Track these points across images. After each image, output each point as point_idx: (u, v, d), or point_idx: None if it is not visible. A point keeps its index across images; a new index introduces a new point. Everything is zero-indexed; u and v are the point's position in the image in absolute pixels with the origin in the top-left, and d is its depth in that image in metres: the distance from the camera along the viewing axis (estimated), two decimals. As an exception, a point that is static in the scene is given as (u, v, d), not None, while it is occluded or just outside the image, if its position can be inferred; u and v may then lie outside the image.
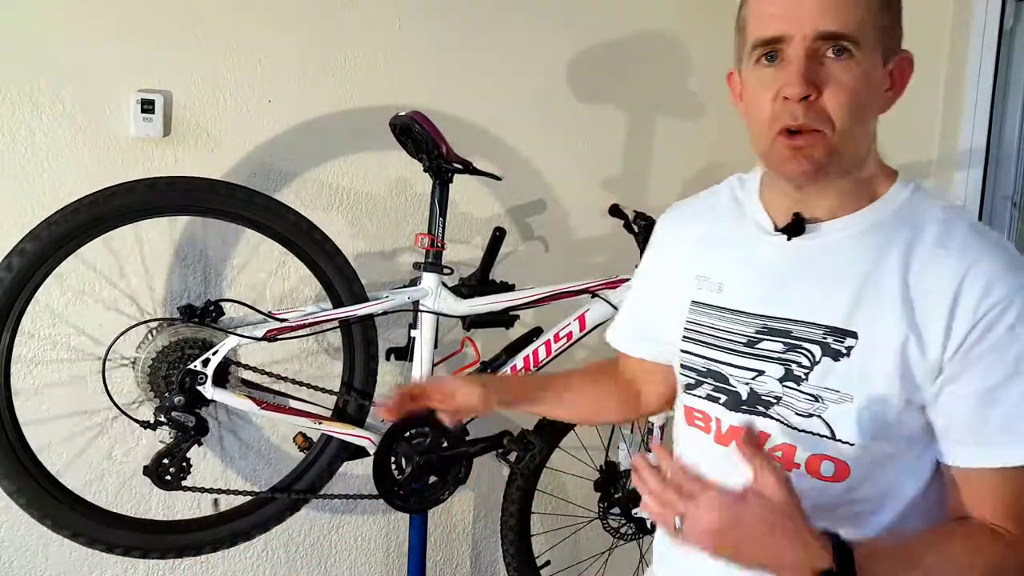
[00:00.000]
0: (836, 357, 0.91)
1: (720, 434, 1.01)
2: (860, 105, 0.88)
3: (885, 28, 0.89)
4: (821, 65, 0.87)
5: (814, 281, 0.94)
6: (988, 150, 2.28)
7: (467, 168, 1.69)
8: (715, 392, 1.01)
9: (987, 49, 2.25)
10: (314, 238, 1.61)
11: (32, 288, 1.43)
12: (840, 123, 0.87)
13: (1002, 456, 0.87)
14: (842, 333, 0.91)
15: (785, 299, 0.95)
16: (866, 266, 0.91)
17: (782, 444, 0.95)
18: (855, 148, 0.91)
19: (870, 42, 0.87)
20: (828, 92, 0.86)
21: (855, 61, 0.87)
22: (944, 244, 0.89)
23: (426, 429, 1.68)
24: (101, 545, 1.52)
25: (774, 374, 0.95)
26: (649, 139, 2.24)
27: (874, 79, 0.89)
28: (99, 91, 1.71)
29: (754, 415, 0.97)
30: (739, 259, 1.01)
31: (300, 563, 2.05)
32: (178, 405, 1.48)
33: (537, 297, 1.76)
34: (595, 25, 2.14)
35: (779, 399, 0.95)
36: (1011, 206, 2.34)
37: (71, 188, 1.68)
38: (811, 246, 0.95)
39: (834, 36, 0.86)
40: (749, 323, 0.98)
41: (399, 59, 1.95)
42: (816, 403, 0.92)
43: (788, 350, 0.94)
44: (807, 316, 0.93)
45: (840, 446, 0.92)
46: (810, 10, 0.86)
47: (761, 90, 0.90)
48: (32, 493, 1.46)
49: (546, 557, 2.07)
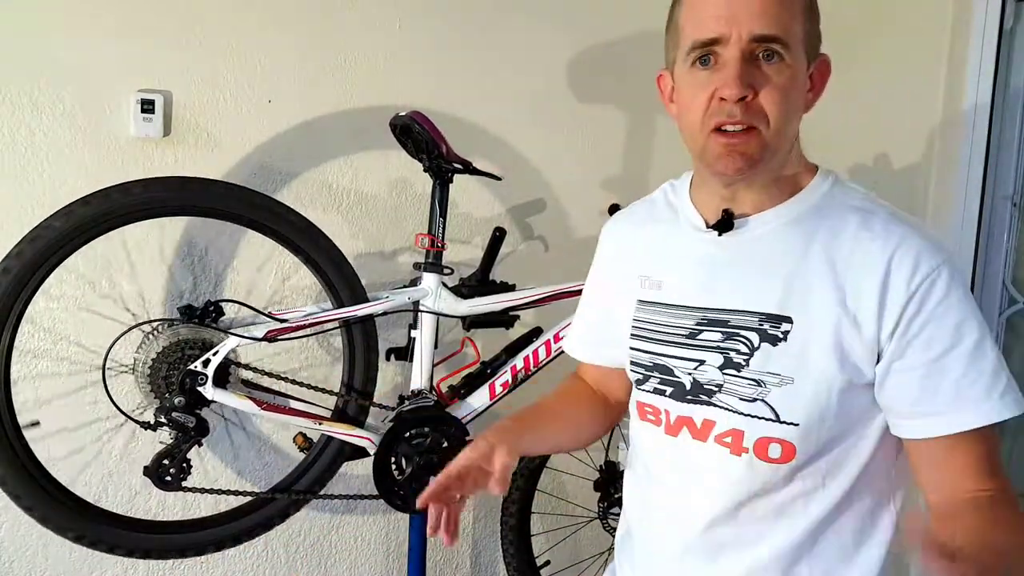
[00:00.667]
0: (774, 342, 0.95)
1: (669, 425, 1.05)
2: (791, 105, 0.94)
3: (808, 33, 0.94)
4: (756, 67, 0.91)
5: (746, 272, 0.99)
6: (988, 150, 2.28)
7: (467, 168, 1.69)
8: (661, 385, 1.06)
9: (987, 49, 2.25)
10: (314, 238, 1.61)
11: (31, 290, 1.43)
12: (775, 121, 0.92)
13: (958, 422, 0.91)
14: (777, 319, 0.95)
15: (720, 291, 1.00)
16: (794, 254, 0.96)
17: (730, 430, 0.99)
18: (785, 145, 0.96)
19: (797, 46, 0.93)
20: (763, 93, 0.91)
21: (785, 64, 0.92)
22: (868, 228, 0.94)
23: (426, 429, 1.68)
24: (103, 546, 1.52)
25: (714, 363, 1.00)
26: (649, 139, 2.24)
27: (800, 81, 0.94)
28: (99, 91, 1.71)
29: (698, 404, 1.02)
30: (676, 257, 1.06)
31: (300, 563, 2.05)
32: (178, 406, 1.48)
33: (537, 297, 1.76)
34: (595, 25, 2.14)
35: (721, 387, 1.00)
36: (1011, 206, 2.35)
37: (71, 188, 1.68)
38: (741, 240, 1.00)
39: (768, 39, 0.91)
40: (689, 316, 1.03)
41: (399, 59, 1.95)
42: (759, 387, 0.96)
43: (726, 339, 0.99)
44: (742, 305, 0.98)
45: (786, 428, 0.96)
46: (746, 14, 0.91)
47: (697, 91, 0.94)
48: (34, 496, 1.46)
49: (546, 557, 2.07)
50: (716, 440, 1.00)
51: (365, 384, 1.69)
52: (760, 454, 0.97)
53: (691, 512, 1.03)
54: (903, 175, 2.34)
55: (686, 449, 1.03)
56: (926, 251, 0.91)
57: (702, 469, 1.02)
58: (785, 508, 0.99)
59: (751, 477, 0.98)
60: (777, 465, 0.97)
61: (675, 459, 1.05)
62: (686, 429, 1.03)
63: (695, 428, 1.02)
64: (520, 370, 1.77)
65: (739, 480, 0.99)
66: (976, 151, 2.27)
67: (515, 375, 1.76)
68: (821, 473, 0.97)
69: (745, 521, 1.00)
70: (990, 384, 0.90)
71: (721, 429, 1.00)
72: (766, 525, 0.99)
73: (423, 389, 1.72)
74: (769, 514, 0.99)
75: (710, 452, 1.01)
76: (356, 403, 1.68)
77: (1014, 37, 2.30)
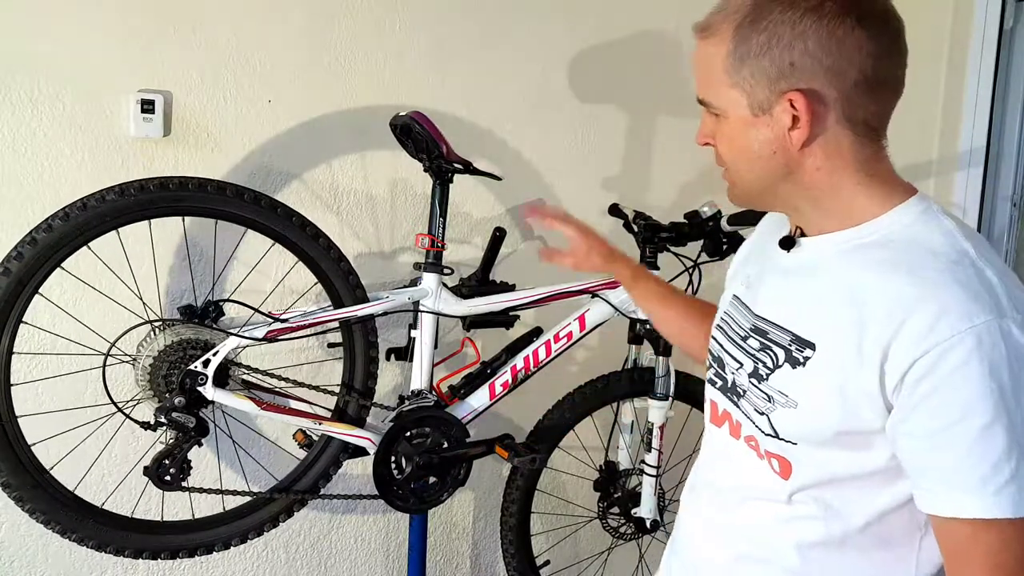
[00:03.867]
0: (794, 365, 0.95)
1: (716, 415, 1.10)
2: (738, 153, 0.97)
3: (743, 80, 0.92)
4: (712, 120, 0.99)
5: (794, 291, 1.00)
6: (988, 150, 2.28)
7: (467, 168, 1.69)
8: (715, 376, 1.10)
9: (987, 49, 2.25)
10: (314, 238, 1.61)
11: (31, 291, 1.43)
12: (728, 164, 1.00)
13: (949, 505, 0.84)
14: (803, 343, 0.95)
15: (771, 303, 1.03)
16: (835, 284, 0.94)
17: (751, 434, 1.02)
18: (761, 186, 0.98)
19: (725, 102, 0.95)
20: (716, 144, 1.00)
21: (721, 118, 0.97)
22: (915, 272, 0.87)
23: (426, 429, 1.68)
24: (110, 548, 1.52)
25: (747, 368, 1.02)
26: (649, 139, 2.25)
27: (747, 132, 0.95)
28: (99, 91, 1.70)
29: (732, 403, 1.06)
30: (761, 262, 1.10)
31: (300, 563, 2.05)
32: (178, 406, 1.48)
33: (537, 297, 1.76)
34: (595, 25, 2.14)
35: (744, 392, 1.02)
36: (1011, 206, 2.35)
37: (71, 188, 1.69)
38: (800, 259, 1.01)
39: (702, 102, 0.98)
40: (747, 318, 1.06)
41: (399, 59, 1.95)
42: (768, 403, 0.98)
43: (761, 349, 1.00)
44: (781, 321, 0.99)
45: (783, 444, 0.97)
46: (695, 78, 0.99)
47: None
48: (36, 498, 1.46)
49: (546, 557, 2.07)
50: (745, 440, 1.04)
51: (365, 384, 1.69)
52: (770, 463, 1.00)
53: (724, 503, 1.08)
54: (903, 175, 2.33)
55: (725, 442, 1.08)
56: (958, 311, 0.82)
57: (734, 464, 1.06)
58: (787, 523, 0.99)
59: (767, 482, 1.01)
60: (778, 478, 0.99)
61: (716, 449, 1.11)
62: (727, 423, 1.08)
63: (732, 424, 1.06)
64: (520, 370, 1.77)
65: (757, 482, 1.02)
66: (976, 151, 2.27)
67: (515, 375, 1.77)
68: (822, 505, 0.96)
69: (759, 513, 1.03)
70: (987, 475, 0.81)
71: (745, 432, 1.04)
72: (777, 525, 1.01)
73: (423, 389, 1.72)
74: (771, 523, 1.01)
75: (741, 449, 1.04)
76: (356, 403, 1.68)
77: (1014, 37, 2.31)
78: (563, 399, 1.91)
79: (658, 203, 2.25)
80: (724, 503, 1.08)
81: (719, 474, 1.10)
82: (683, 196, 2.27)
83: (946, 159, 2.29)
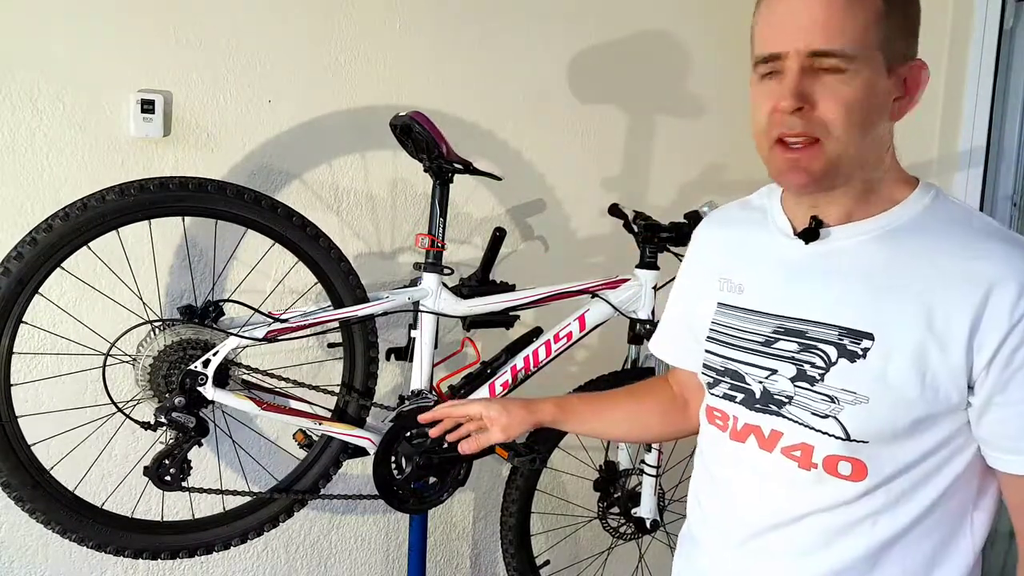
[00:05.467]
0: (852, 359, 0.92)
1: (736, 431, 1.03)
2: (857, 114, 0.89)
3: (886, 39, 0.89)
4: (817, 78, 0.89)
5: (830, 283, 0.95)
6: (988, 150, 2.28)
7: (467, 168, 1.69)
8: (731, 391, 1.04)
9: (987, 49, 2.25)
10: (314, 238, 1.61)
11: (31, 291, 1.42)
12: (836, 131, 0.89)
13: None
14: (858, 335, 0.92)
15: (801, 300, 0.97)
16: (882, 269, 0.92)
17: (799, 444, 0.97)
18: (856, 157, 0.91)
19: (868, 55, 0.88)
20: (823, 103, 0.88)
21: (850, 74, 0.88)
22: (970, 247, 0.89)
23: (426, 429, 1.68)
24: (110, 548, 1.52)
25: (786, 373, 0.97)
26: (649, 139, 2.25)
27: (875, 89, 0.89)
28: (99, 91, 1.70)
29: (767, 414, 0.99)
30: (760, 262, 1.03)
31: (300, 563, 2.05)
32: (178, 406, 1.48)
33: (537, 297, 1.76)
34: (595, 25, 2.14)
35: (791, 399, 0.96)
36: (1011, 206, 2.35)
37: (71, 188, 1.69)
38: (827, 250, 0.96)
39: (826, 54, 0.88)
40: (766, 323, 1.00)
41: (399, 59, 1.95)
42: (832, 404, 0.93)
43: (802, 350, 0.96)
44: (822, 317, 0.95)
45: (856, 446, 0.92)
46: (805, 28, 0.88)
47: (761, 102, 0.93)
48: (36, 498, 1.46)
49: (546, 557, 2.07)
50: (783, 452, 0.98)
51: (365, 384, 1.69)
52: (830, 470, 0.95)
53: (750, 517, 1.01)
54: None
55: (751, 457, 1.01)
56: None
57: (766, 478, 1.00)
58: (852, 526, 0.96)
59: (818, 492, 0.96)
60: (847, 482, 0.94)
61: (739, 465, 1.03)
62: (753, 437, 1.01)
63: (762, 437, 1.00)
64: (520, 370, 1.77)
65: (805, 494, 0.96)
66: (976, 151, 2.27)
67: (515, 375, 1.76)
68: (894, 494, 0.94)
69: (806, 532, 0.98)
70: None
71: (789, 442, 0.97)
72: (827, 538, 0.97)
73: (423, 389, 1.72)
74: (832, 529, 0.96)
75: (776, 463, 0.98)
76: (356, 403, 1.68)
77: (1014, 37, 2.30)
78: (563, 399, 1.91)
79: (658, 203, 2.25)
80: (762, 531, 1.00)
81: (750, 498, 1.02)
82: (683, 196, 2.28)
83: (946, 159, 2.29)
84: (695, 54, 2.28)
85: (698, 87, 2.30)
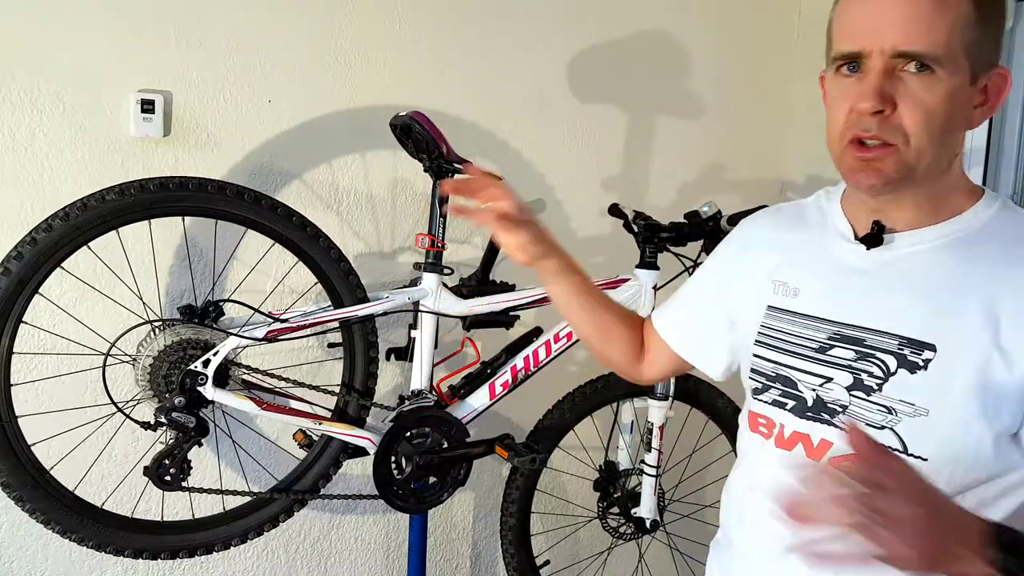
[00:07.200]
0: (913, 370, 0.89)
1: (783, 439, 1.00)
2: (938, 122, 0.87)
3: (974, 44, 0.86)
4: (900, 80, 0.86)
5: (892, 291, 0.93)
6: (988, 150, 2.28)
7: (467, 168, 1.69)
8: (782, 397, 1.01)
9: (987, 49, 2.25)
10: (314, 238, 1.61)
11: (31, 291, 1.43)
12: (915, 139, 0.86)
13: None
14: (919, 345, 0.89)
15: (860, 307, 0.95)
16: (946, 279, 0.90)
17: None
18: (931, 164, 0.89)
19: (954, 60, 0.86)
20: (904, 107, 0.86)
21: (935, 78, 0.85)
22: None
23: (426, 429, 1.68)
24: (110, 548, 1.52)
25: (842, 382, 0.94)
26: (649, 139, 2.25)
27: (958, 96, 0.87)
28: (99, 91, 1.70)
29: (818, 422, 0.96)
30: (817, 265, 1.00)
31: (300, 563, 2.05)
32: (178, 406, 1.48)
33: (537, 297, 1.76)
34: (595, 25, 2.14)
35: (845, 408, 0.94)
36: (1011, 206, 2.35)
37: (71, 188, 1.69)
38: (889, 256, 0.94)
39: (913, 56, 0.85)
40: (822, 329, 0.97)
41: (399, 59, 1.95)
42: (889, 415, 0.91)
43: (859, 359, 0.93)
44: (882, 326, 0.92)
45: (912, 461, 0.89)
46: (891, 27, 0.85)
47: (839, 100, 0.90)
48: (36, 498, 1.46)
49: (546, 557, 2.07)
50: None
51: (365, 384, 1.69)
52: None
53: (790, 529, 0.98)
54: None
55: (791, 463, 0.96)
56: None
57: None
58: None
59: None
60: None
61: (778, 472, 0.96)
62: (800, 446, 0.98)
63: (811, 446, 0.97)
64: (520, 370, 1.77)
65: None
66: (976, 151, 2.27)
67: (515, 375, 1.76)
68: None
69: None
70: None
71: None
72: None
73: (423, 389, 1.72)
74: None
75: None
76: (356, 403, 1.68)
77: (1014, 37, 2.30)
78: (563, 399, 1.91)
79: (658, 203, 2.25)
80: None
81: None
82: (683, 196, 2.28)
83: (946, 159, 2.30)
84: (695, 54, 2.28)
85: (698, 87, 2.30)
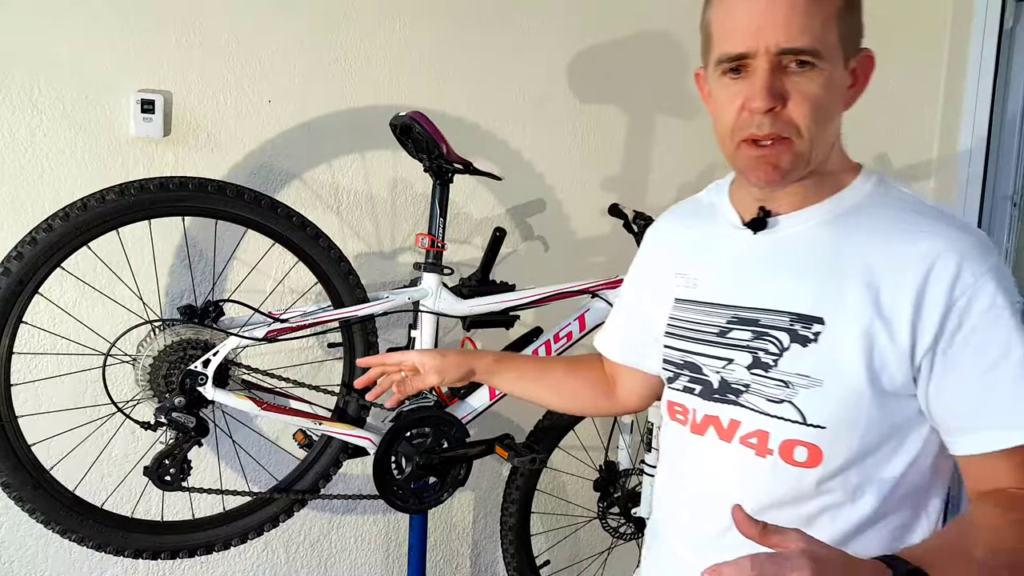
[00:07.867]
0: (804, 343, 0.94)
1: (695, 424, 1.05)
2: (825, 111, 0.91)
3: (845, 34, 0.91)
4: (785, 76, 0.90)
5: (779, 271, 0.97)
6: (988, 149, 2.28)
7: (467, 168, 1.69)
8: (690, 383, 1.05)
9: (987, 49, 2.25)
10: (314, 238, 1.61)
11: (31, 291, 1.43)
12: (807, 131, 0.90)
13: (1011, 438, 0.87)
14: (808, 319, 0.93)
15: (753, 289, 0.99)
16: (829, 254, 0.94)
17: (755, 431, 0.98)
18: (821, 151, 0.94)
19: (831, 51, 0.89)
20: (792, 102, 0.89)
21: (817, 71, 0.89)
22: (911, 229, 0.91)
23: (426, 429, 1.68)
24: (110, 548, 1.52)
25: (742, 362, 0.99)
26: (649, 139, 2.25)
27: (836, 83, 0.92)
28: (99, 91, 1.70)
29: (725, 403, 1.01)
30: (711, 255, 1.05)
31: (300, 563, 2.05)
32: (178, 406, 1.48)
33: (537, 297, 1.76)
34: (595, 25, 2.14)
35: (748, 387, 0.98)
36: (1011, 206, 2.35)
37: (71, 188, 1.69)
38: (775, 238, 0.99)
39: (796, 52, 0.88)
40: (720, 314, 1.02)
41: (399, 59, 1.95)
42: (786, 388, 0.95)
43: (756, 338, 0.98)
44: (773, 304, 0.97)
45: (812, 430, 0.94)
46: (772, 27, 0.88)
47: (727, 101, 0.93)
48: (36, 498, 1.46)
49: (546, 557, 2.07)
50: (741, 441, 0.99)
51: (365, 384, 1.68)
52: (786, 456, 0.95)
53: (714, 514, 1.01)
54: (903, 175, 2.34)
55: (711, 449, 1.02)
56: (972, 256, 0.87)
57: (727, 470, 1.00)
58: (811, 520, 0.95)
59: (776, 481, 0.96)
60: (803, 469, 0.94)
61: (700, 459, 1.04)
62: (712, 429, 1.02)
63: (721, 428, 1.01)
64: (520, 370, 1.76)
65: (763, 484, 0.97)
66: (976, 151, 2.27)
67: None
68: (851, 487, 0.94)
69: None
70: None
71: (746, 430, 0.98)
72: None
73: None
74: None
75: (735, 453, 0.99)
76: (356, 403, 1.68)
77: (1014, 37, 2.31)
78: (563, 399, 1.91)
79: (658, 203, 2.25)
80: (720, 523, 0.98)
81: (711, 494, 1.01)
82: (683, 196, 2.26)
83: (946, 159, 2.29)
84: (695, 54, 2.27)
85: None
